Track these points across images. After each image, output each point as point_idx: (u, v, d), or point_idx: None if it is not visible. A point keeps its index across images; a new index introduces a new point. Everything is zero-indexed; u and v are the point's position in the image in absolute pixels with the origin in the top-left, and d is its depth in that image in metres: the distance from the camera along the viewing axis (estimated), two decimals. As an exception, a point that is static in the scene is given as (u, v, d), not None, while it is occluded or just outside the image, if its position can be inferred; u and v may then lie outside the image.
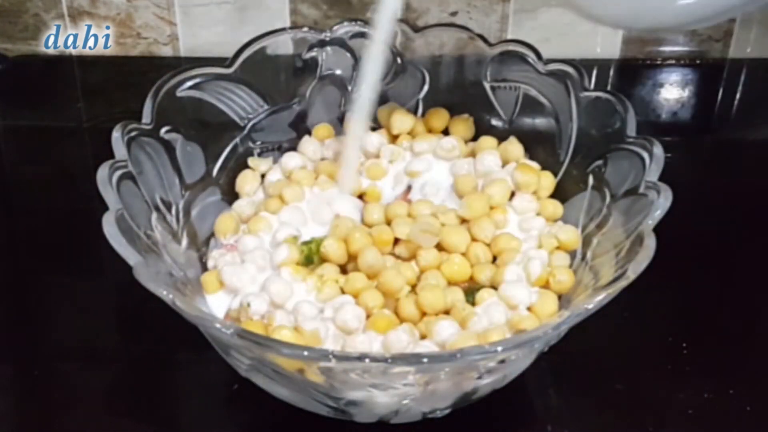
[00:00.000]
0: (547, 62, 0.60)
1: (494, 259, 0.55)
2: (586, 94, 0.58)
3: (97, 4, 0.84)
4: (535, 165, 0.59)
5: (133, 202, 0.51)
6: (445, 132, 0.63)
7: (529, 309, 0.51)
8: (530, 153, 0.61)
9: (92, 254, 0.61)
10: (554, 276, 0.52)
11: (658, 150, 0.52)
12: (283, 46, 0.62)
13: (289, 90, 0.63)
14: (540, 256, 0.54)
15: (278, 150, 0.63)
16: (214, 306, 0.53)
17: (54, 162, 0.74)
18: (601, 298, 0.44)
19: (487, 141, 0.61)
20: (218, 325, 0.43)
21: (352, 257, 0.53)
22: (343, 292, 0.52)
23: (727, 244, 0.65)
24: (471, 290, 0.53)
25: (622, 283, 0.45)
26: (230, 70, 0.60)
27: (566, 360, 0.54)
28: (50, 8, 0.84)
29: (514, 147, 0.60)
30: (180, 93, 0.58)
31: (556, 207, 0.58)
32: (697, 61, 0.85)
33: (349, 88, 0.64)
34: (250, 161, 0.61)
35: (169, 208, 0.55)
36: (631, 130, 0.55)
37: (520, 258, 0.54)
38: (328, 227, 0.56)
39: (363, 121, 0.58)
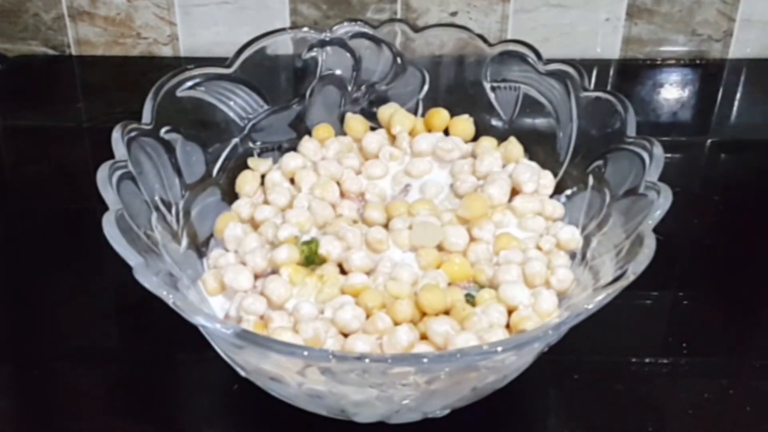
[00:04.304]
0: (547, 62, 0.60)
1: (494, 259, 0.55)
2: (586, 94, 0.58)
3: (97, 4, 0.84)
4: (535, 165, 0.59)
5: (133, 202, 0.51)
6: (445, 132, 0.63)
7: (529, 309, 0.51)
8: (530, 153, 0.61)
9: (92, 254, 0.61)
10: (554, 276, 0.52)
11: (658, 150, 0.52)
12: (283, 46, 0.62)
13: (289, 90, 0.63)
14: (540, 256, 0.54)
15: (278, 150, 0.63)
16: (214, 306, 0.53)
17: (54, 162, 0.74)
18: (601, 298, 0.44)
19: (487, 141, 0.61)
20: (218, 326, 0.43)
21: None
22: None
23: (727, 244, 0.65)
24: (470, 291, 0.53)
25: (622, 283, 0.45)
26: (230, 70, 0.60)
27: (566, 360, 0.54)
28: (50, 8, 0.84)
29: (514, 147, 0.60)
30: (180, 93, 0.58)
31: (556, 207, 0.58)
32: (697, 61, 0.85)
33: (349, 88, 0.64)
34: (250, 161, 0.61)
35: (169, 208, 0.55)
36: (631, 130, 0.55)
37: (520, 258, 0.54)
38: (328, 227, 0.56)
39: None
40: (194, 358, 0.55)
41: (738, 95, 0.83)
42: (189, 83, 0.58)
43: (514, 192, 0.58)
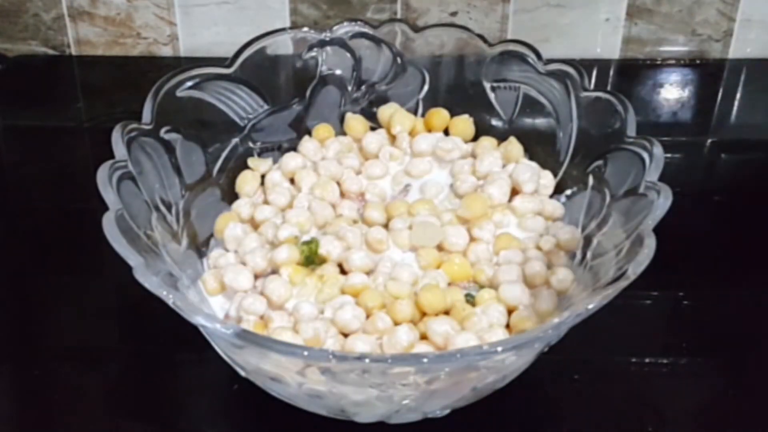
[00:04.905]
0: (547, 62, 0.60)
1: (494, 259, 0.55)
2: (586, 94, 0.58)
3: (97, 4, 0.84)
4: (535, 165, 0.59)
5: (133, 202, 0.51)
6: (445, 132, 0.63)
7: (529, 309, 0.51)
8: (530, 153, 0.61)
9: (92, 254, 0.61)
10: (554, 276, 0.52)
11: (658, 150, 0.52)
12: (283, 46, 0.62)
13: (289, 90, 0.63)
14: (540, 256, 0.54)
15: (278, 150, 0.63)
16: (214, 306, 0.53)
17: (54, 162, 0.74)
18: (601, 298, 0.44)
19: (487, 141, 0.61)
20: (218, 326, 0.43)
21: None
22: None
23: (727, 244, 0.65)
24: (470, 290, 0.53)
25: (622, 283, 0.45)
26: (230, 70, 0.60)
27: (566, 360, 0.54)
28: (50, 8, 0.84)
29: (514, 147, 0.60)
30: (180, 93, 0.58)
31: (556, 207, 0.58)
32: (697, 61, 0.85)
33: (349, 88, 0.64)
34: (250, 161, 0.61)
35: (169, 208, 0.55)
36: (631, 130, 0.55)
37: (520, 258, 0.54)
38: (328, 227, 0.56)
39: None
40: (194, 358, 0.55)
41: (738, 95, 0.83)
42: (189, 83, 0.58)
43: (514, 192, 0.58)
